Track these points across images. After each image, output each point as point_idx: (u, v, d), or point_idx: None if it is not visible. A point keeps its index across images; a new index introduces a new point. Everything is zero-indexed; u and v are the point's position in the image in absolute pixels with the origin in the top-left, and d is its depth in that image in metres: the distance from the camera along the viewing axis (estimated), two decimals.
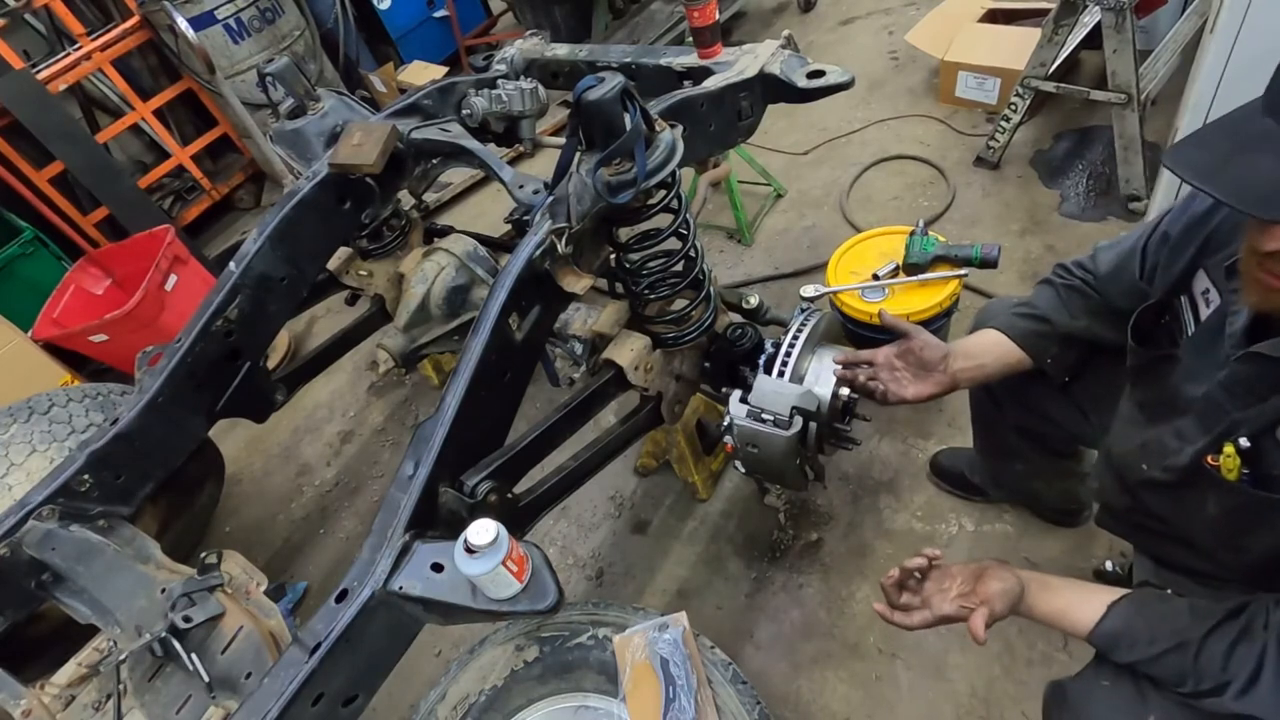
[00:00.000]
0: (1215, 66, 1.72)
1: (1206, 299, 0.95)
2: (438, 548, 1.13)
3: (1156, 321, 1.03)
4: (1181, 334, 0.99)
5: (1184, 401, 0.95)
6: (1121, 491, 1.10)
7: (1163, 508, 1.02)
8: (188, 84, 3.86)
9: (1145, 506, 1.06)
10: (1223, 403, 0.88)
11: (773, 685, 1.67)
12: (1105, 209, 2.47)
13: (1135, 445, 1.04)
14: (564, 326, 1.68)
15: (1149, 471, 1.00)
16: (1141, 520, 1.09)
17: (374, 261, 2.15)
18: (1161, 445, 0.98)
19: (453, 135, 1.79)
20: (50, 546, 1.46)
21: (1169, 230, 1.03)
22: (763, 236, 2.87)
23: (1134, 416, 1.07)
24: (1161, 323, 1.03)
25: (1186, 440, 0.93)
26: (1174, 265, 1.01)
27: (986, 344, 1.27)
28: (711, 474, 2.08)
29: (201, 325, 1.63)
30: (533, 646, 1.35)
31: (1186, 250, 0.99)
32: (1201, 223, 0.97)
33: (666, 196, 1.46)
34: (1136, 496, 1.07)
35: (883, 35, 3.72)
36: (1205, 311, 0.95)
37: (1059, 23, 2.30)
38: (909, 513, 1.90)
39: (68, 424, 1.97)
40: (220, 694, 1.28)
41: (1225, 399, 0.88)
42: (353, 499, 2.46)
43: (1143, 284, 1.08)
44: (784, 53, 1.88)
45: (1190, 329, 0.98)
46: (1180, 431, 0.95)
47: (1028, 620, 1.02)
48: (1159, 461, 0.98)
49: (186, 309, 2.17)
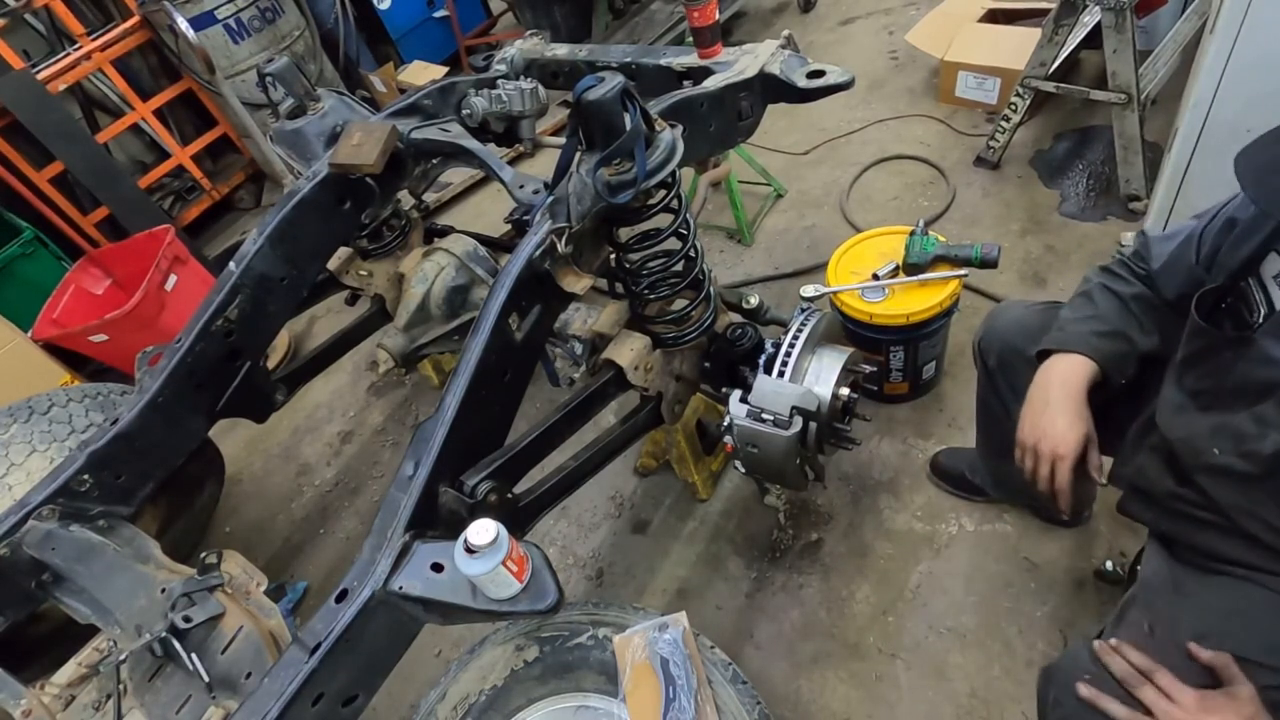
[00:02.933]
0: (1215, 66, 1.72)
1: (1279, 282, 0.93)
2: (438, 548, 1.13)
3: (1216, 305, 1.01)
4: (1252, 316, 0.97)
5: (1260, 386, 0.93)
6: (1168, 475, 1.07)
7: (1227, 497, 0.99)
8: (188, 84, 3.85)
9: (1201, 493, 1.02)
10: None
11: (773, 685, 1.67)
12: (1105, 209, 2.47)
13: (1203, 430, 1.00)
14: (564, 326, 1.68)
15: (1221, 457, 0.97)
16: (1184, 507, 1.05)
17: (374, 261, 2.15)
18: (1238, 431, 0.95)
19: (453, 135, 1.78)
20: (50, 546, 1.46)
21: (1236, 215, 1.01)
22: (763, 236, 2.87)
23: (1184, 404, 1.04)
24: (1223, 306, 1.01)
25: (1270, 425, 0.91)
26: (1241, 249, 0.99)
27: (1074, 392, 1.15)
28: (711, 474, 2.08)
29: (201, 325, 1.63)
30: (533, 646, 1.35)
31: (1258, 233, 0.97)
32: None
33: (666, 196, 1.46)
34: (1190, 481, 1.03)
35: (883, 35, 3.72)
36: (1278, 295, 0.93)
37: (1059, 23, 2.31)
38: (909, 513, 1.90)
39: (68, 424, 1.97)
40: (220, 694, 1.28)
41: None
42: (353, 499, 2.46)
43: (1199, 270, 1.06)
44: (784, 53, 1.88)
45: (1262, 311, 0.95)
46: (1262, 417, 0.92)
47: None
48: (1236, 447, 0.95)
49: (186, 309, 2.17)
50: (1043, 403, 1.14)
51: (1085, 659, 0.99)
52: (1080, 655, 1.01)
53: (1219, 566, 1.01)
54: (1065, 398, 1.13)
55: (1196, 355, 1.02)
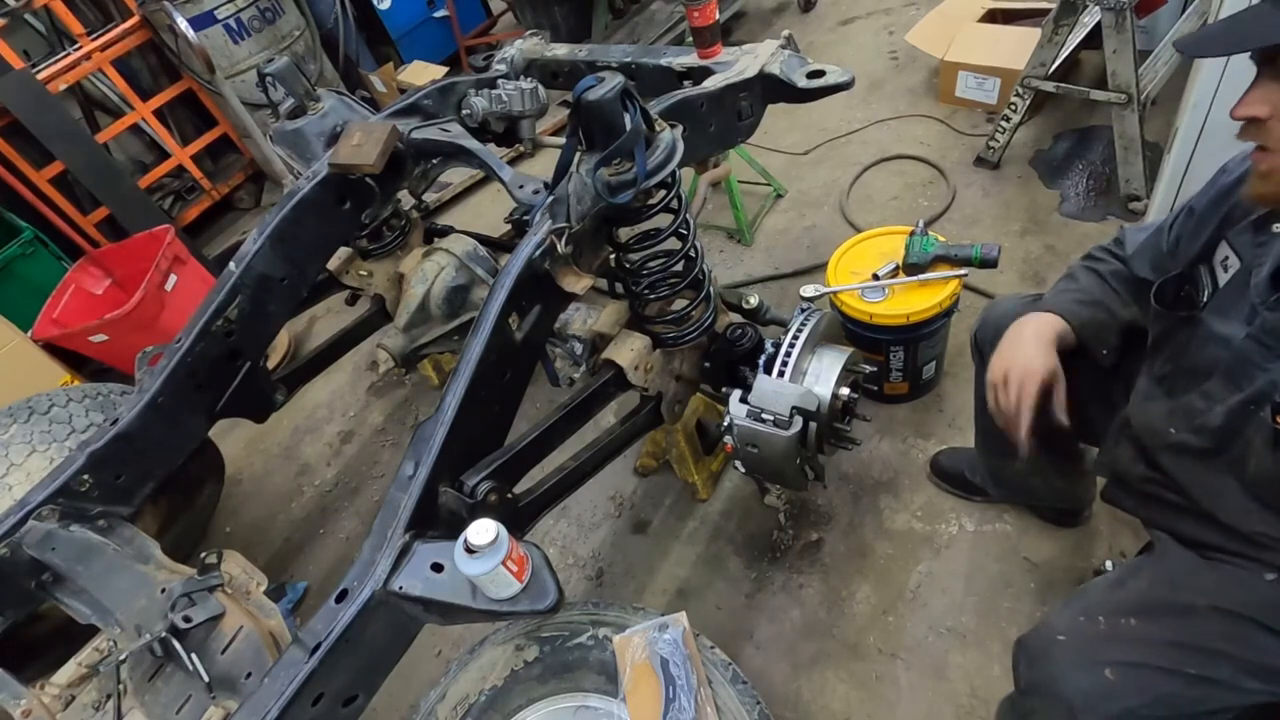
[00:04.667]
0: (1215, 66, 1.72)
1: (1225, 265, 0.98)
2: (438, 548, 1.13)
3: (1177, 293, 1.06)
4: (1200, 297, 1.02)
5: (1206, 364, 0.97)
6: (1140, 460, 1.11)
7: (1186, 475, 1.03)
8: (188, 84, 3.85)
9: (1166, 475, 1.06)
10: (1252, 356, 0.91)
11: (773, 685, 1.67)
12: (1105, 209, 2.47)
13: (1162, 412, 1.05)
14: (564, 326, 1.68)
15: (1177, 435, 1.02)
16: (1156, 491, 1.09)
17: (374, 261, 2.15)
18: (1189, 408, 0.99)
19: (453, 135, 1.78)
20: (50, 546, 1.46)
21: (1195, 205, 1.06)
22: (763, 236, 2.87)
23: (1151, 391, 1.09)
24: (1181, 294, 1.05)
25: (1215, 400, 0.95)
26: (1198, 237, 1.03)
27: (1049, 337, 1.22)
28: (711, 474, 2.08)
29: (201, 325, 1.63)
30: (533, 646, 1.35)
31: (1211, 221, 1.02)
32: (1226, 195, 1.00)
33: (666, 196, 1.46)
34: (1157, 464, 1.07)
35: (883, 35, 3.72)
36: (1224, 277, 0.98)
37: (1059, 23, 2.31)
38: (909, 513, 1.90)
39: (68, 424, 1.97)
40: (220, 694, 1.28)
41: (1256, 352, 0.90)
42: (353, 499, 2.46)
43: (1167, 258, 1.11)
44: (784, 53, 1.88)
45: (1208, 292, 1.00)
46: (1207, 393, 0.97)
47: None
48: (1188, 423, 1.00)
49: (186, 309, 2.17)
50: (1013, 344, 1.20)
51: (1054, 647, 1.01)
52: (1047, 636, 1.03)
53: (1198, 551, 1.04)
54: (1035, 338, 1.19)
55: (1158, 341, 1.08)
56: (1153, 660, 0.94)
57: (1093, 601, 1.04)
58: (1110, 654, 0.96)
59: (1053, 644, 1.00)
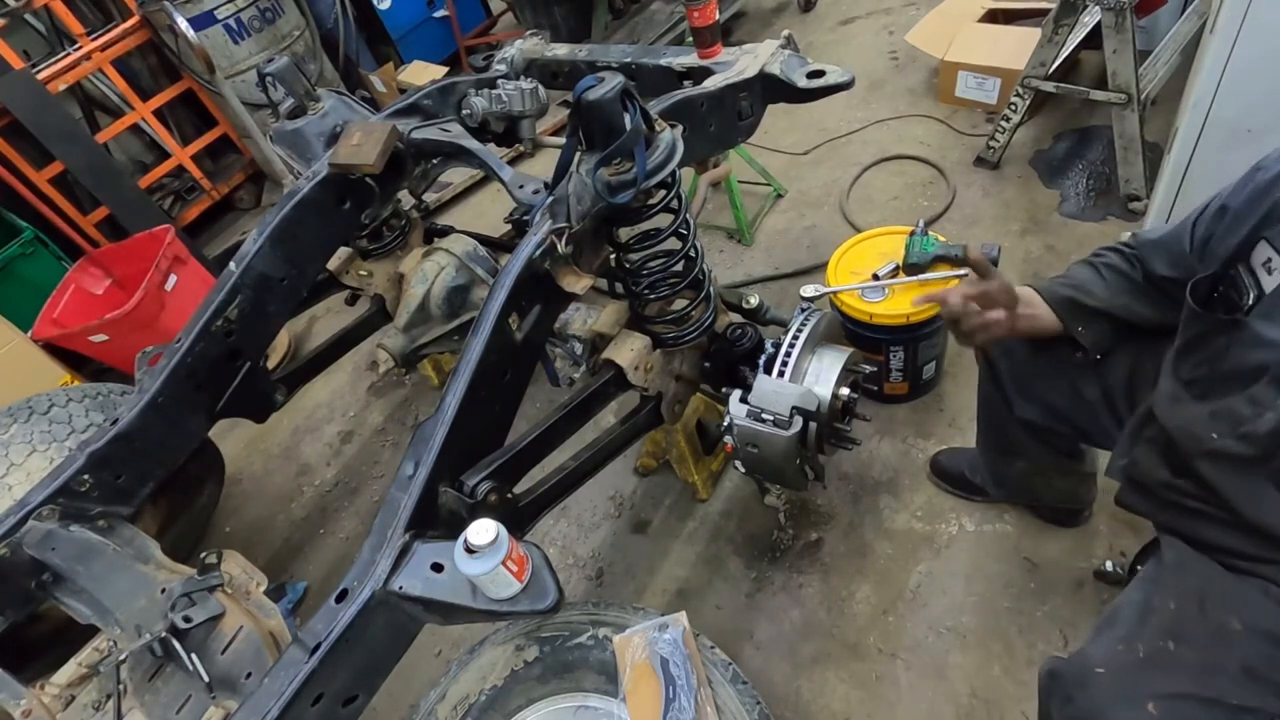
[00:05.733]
0: (1215, 66, 1.72)
1: (1268, 268, 0.95)
2: (438, 548, 1.13)
3: (1211, 293, 1.03)
4: (1242, 300, 0.98)
5: (1253, 368, 0.94)
6: (1163, 465, 1.09)
7: (1227, 482, 1.00)
8: (188, 84, 3.85)
9: (1196, 480, 1.03)
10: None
11: (773, 685, 1.67)
12: (1105, 209, 2.47)
13: (1200, 416, 1.01)
14: (564, 326, 1.68)
15: (1219, 441, 0.98)
16: (1178, 498, 1.07)
17: (374, 261, 2.15)
18: (1234, 414, 0.96)
19: (453, 135, 1.78)
20: (50, 546, 1.46)
21: (1228, 203, 1.03)
22: (763, 236, 2.87)
23: (1178, 394, 1.05)
24: (1216, 294, 1.02)
25: (1264, 405, 0.92)
26: (1232, 237, 1.00)
27: (1036, 299, 1.26)
28: (711, 474, 2.08)
29: (201, 325, 1.63)
30: (533, 646, 1.35)
31: (1248, 221, 0.98)
32: (1265, 193, 0.97)
33: (666, 196, 1.46)
34: (1187, 470, 1.04)
35: (883, 35, 3.72)
36: (1268, 280, 0.95)
37: (1059, 23, 2.30)
38: (909, 513, 1.90)
39: (68, 424, 1.97)
40: (220, 694, 1.28)
41: None
42: (353, 499, 2.46)
43: (1191, 258, 1.08)
44: (784, 53, 1.88)
45: (1251, 295, 0.97)
46: (1255, 398, 0.94)
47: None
48: (1232, 430, 0.96)
49: (186, 309, 2.17)
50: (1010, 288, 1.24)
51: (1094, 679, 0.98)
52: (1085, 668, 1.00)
53: (1218, 558, 1.02)
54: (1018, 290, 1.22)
55: (1191, 343, 1.05)
56: (1196, 691, 0.91)
57: (1127, 629, 1.01)
58: (1152, 686, 0.92)
59: (1091, 677, 0.97)
